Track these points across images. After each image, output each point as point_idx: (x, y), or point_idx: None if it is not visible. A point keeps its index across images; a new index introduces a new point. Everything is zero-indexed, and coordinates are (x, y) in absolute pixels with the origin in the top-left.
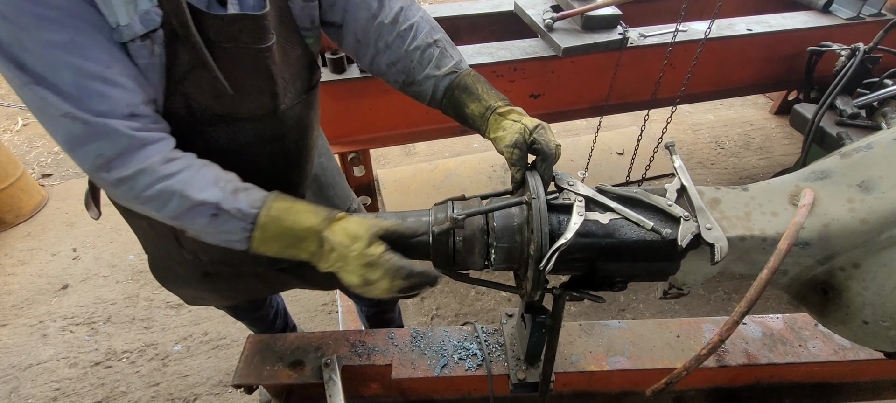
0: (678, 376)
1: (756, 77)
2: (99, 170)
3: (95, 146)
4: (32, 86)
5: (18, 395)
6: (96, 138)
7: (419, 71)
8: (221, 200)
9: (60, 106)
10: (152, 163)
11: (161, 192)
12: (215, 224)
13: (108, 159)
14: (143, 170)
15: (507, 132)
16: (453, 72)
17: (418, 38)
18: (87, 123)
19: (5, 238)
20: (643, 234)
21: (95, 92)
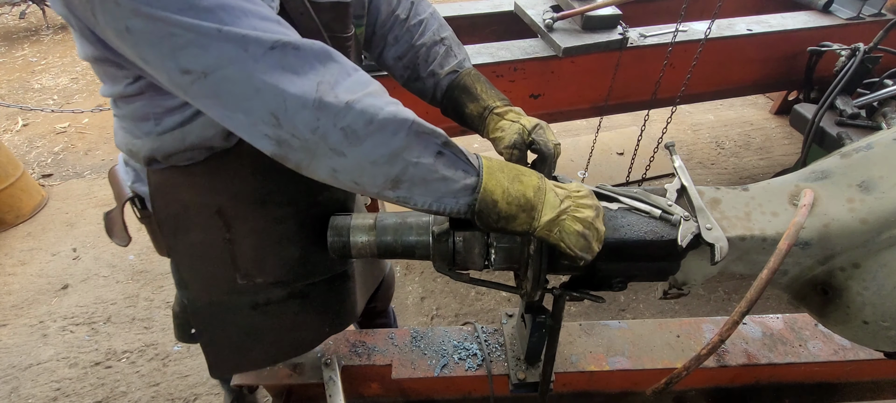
0: (678, 376)
1: (756, 77)
2: (325, 96)
3: (314, 73)
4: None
5: (18, 395)
6: (312, 60)
7: (423, 68)
8: (445, 135)
9: (268, 35)
10: (374, 87)
11: (393, 117)
12: (442, 162)
13: (331, 82)
14: (370, 93)
15: (506, 133)
16: (454, 72)
17: (426, 34)
18: (298, 47)
19: (5, 238)
20: (643, 234)
21: (275, 24)
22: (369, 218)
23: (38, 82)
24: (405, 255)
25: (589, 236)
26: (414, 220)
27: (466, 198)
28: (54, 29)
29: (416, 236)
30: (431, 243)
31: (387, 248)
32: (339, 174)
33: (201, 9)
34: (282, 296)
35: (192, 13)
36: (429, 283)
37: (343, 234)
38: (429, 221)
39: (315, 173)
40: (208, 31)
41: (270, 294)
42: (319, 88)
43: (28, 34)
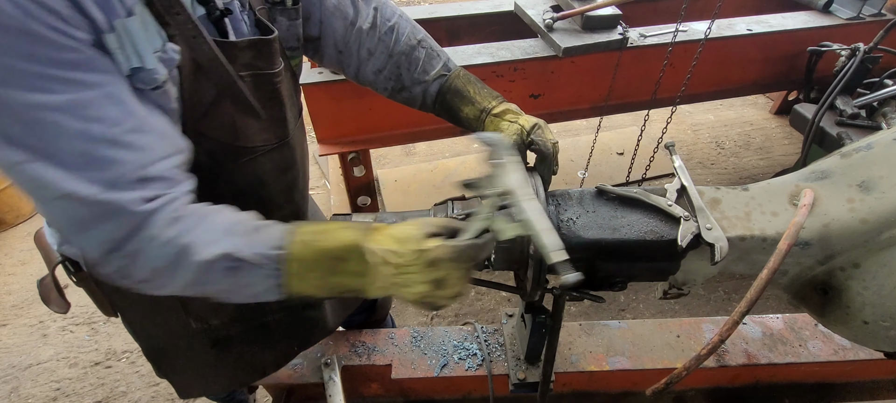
0: (678, 376)
1: (756, 77)
2: (109, 254)
3: (103, 229)
4: (24, 165)
5: (18, 395)
6: (103, 220)
7: (408, 76)
8: (236, 249)
9: (59, 186)
10: (158, 229)
11: (170, 260)
12: (236, 278)
13: (118, 241)
14: (151, 238)
15: (505, 133)
16: (442, 75)
17: (401, 40)
18: (90, 204)
19: (5, 238)
20: (643, 234)
21: (100, 159)
22: (368, 218)
23: None
24: None
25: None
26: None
27: (278, 293)
28: None
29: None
30: None
31: None
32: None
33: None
34: (240, 330)
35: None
36: None
37: None
38: None
39: None
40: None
41: (229, 330)
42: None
43: None
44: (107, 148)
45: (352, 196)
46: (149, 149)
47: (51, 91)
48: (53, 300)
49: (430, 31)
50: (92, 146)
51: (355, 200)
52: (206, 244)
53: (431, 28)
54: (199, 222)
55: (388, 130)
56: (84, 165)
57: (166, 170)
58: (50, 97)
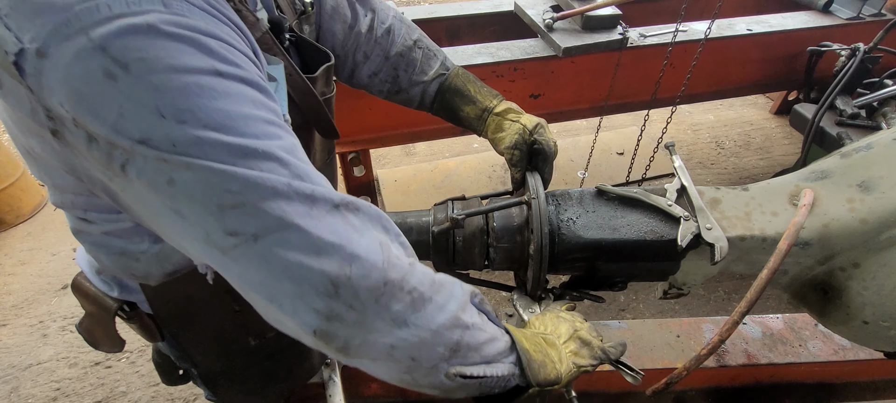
0: (678, 376)
1: (756, 77)
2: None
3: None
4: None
5: (18, 395)
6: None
7: (405, 78)
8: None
9: (333, 193)
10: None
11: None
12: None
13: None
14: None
15: (507, 133)
16: (441, 75)
17: (397, 42)
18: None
19: (5, 238)
20: (643, 234)
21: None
22: None
23: None
24: None
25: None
26: (414, 220)
27: (510, 356)
28: None
29: (416, 236)
30: (431, 243)
31: None
32: (397, 351)
33: (260, 163)
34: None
35: (253, 164)
36: None
37: None
38: (429, 221)
39: (366, 354)
40: (276, 186)
41: (282, 340)
42: (383, 250)
43: None
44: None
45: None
46: None
47: (276, 136)
48: (105, 343)
49: (430, 30)
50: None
51: None
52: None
53: (431, 28)
54: None
55: (388, 130)
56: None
57: None
58: (277, 142)
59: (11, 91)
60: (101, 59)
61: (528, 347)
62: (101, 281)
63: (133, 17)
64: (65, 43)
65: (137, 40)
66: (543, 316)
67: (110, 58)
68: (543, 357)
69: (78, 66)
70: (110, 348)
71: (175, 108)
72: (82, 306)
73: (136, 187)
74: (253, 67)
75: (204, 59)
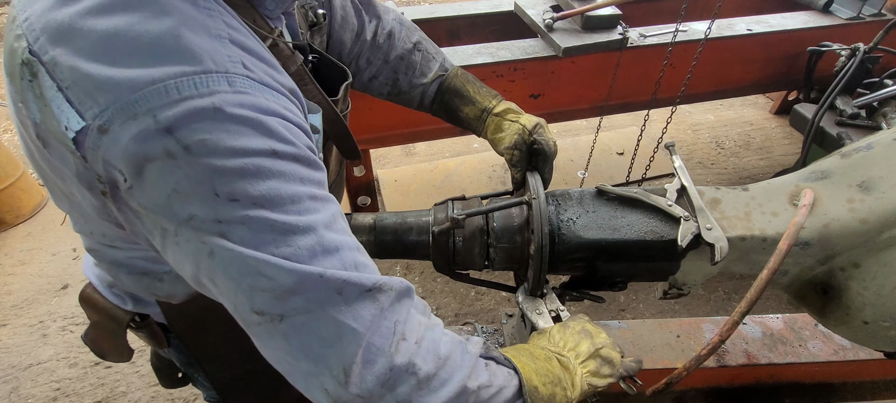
0: (678, 376)
1: (756, 77)
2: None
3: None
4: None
5: (18, 395)
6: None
7: (405, 80)
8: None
9: (366, 277)
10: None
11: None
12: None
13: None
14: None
15: (506, 133)
16: (440, 76)
17: (397, 45)
18: (391, 288)
19: (5, 238)
20: (643, 234)
21: (362, 255)
22: (369, 217)
23: None
24: (405, 255)
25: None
26: (414, 220)
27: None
28: None
29: (416, 236)
30: (431, 243)
31: (387, 248)
32: None
33: (299, 242)
34: None
35: (288, 251)
36: (429, 283)
37: None
38: (429, 221)
39: None
40: (307, 276)
41: None
42: (396, 332)
43: None
44: (363, 255)
45: (352, 196)
46: None
47: (318, 211)
48: (113, 353)
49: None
50: (353, 253)
51: (355, 200)
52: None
53: (431, 28)
54: None
55: (388, 130)
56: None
57: None
58: (318, 217)
59: (57, 152)
60: (165, 140)
61: (537, 383)
62: (113, 294)
63: (200, 100)
64: (130, 122)
65: (202, 123)
66: (565, 330)
67: (174, 139)
68: (553, 389)
69: (141, 145)
70: (118, 358)
71: (230, 190)
72: (89, 317)
73: (175, 252)
74: (304, 139)
75: (263, 141)
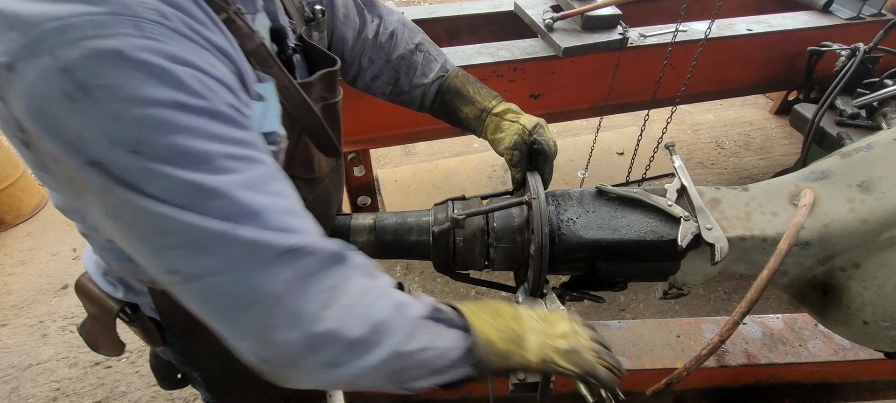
0: (678, 376)
1: (756, 77)
2: (326, 309)
3: (324, 277)
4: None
5: (18, 395)
6: (324, 266)
7: (406, 81)
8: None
9: (282, 240)
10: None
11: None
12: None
13: (337, 289)
14: (373, 289)
15: (506, 133)
16: (441, 76)
17: (400, 46)
18: (314, 251)
19: (5, 238)
20: (643, 234)
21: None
22: (369, 218)
23: None
24: (405, 255)
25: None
26: (414, 220)
27: (469, 358)
28: None
29: (416, 236)
30: (431, 243)
31: (387, 248)
32: (334, 383)
33: (209, 202)
34: None
35: (197, 208)
36: (429, 283)
37: (343, 235)
38: (429, 221)
39: (298, 384)
40: (213, 232)
41: None
42: (324, 297)
43: None
44: (293, 219)
45: (352, 196)
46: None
47: (235, 171)
48: (105, 345)
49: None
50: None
51: (355, 200)
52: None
53: (431, 28)
54: None
55: (388, 130)
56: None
57: None
58: (235, 177)
59: None
60: (63, 81)
61: (493, 336)
62: (106, 282)
63: (101, 41)
64: (32, 60)
65: (102, 66)
66: (552, 311)
67: (73, 81)
68: (510, 347)
69: (41, 85)
70: (110, 351)
71: (129, 139)
72: (85, 308)
73: (92, 210)
74: (224, 96)
75: (167, 91)
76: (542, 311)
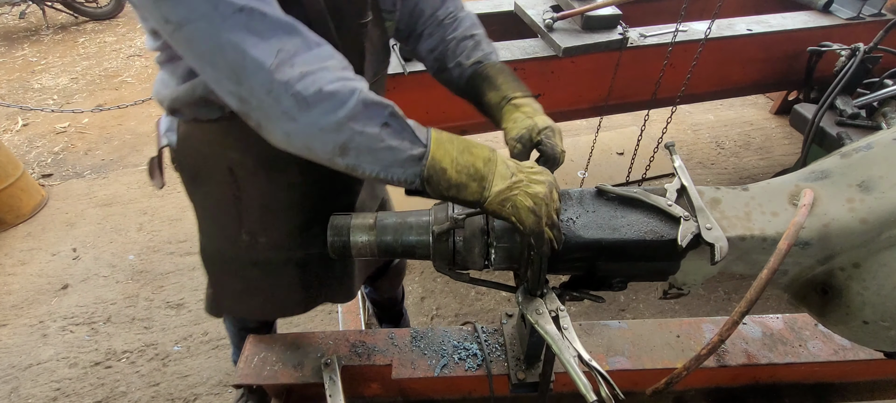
0: (678, 376)
1: (756, 77)
2: (281, 65)
3: (276, 40)
4: None
5: (18, 395)
6: (277, 29)
7: (451, 59)
8: (394, 107)
9: (236, 0)
10: (333, 62)
11: (341, 88)
12: (387, 132)
13: (290, 53)
14: (325, 67)
15: (516, 125)
16: (479, 62)
17: (458, 30)
18: (265, 15)
19: (5, 238)
20: (643, 234)
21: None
22: (369, 217)
23: (37, 82)
24: (405, 255)
25: (539, 212)
26: (414, 220)
27: (413, 167)
28: (54, 29)
29: (416, 236)
30: (431, 243)
31: (387, 248)
32: (293, 138)
33: None
34: (280, 260)
35: None
36: (429, 283)
37: (343, 234)
38: (429, 221)
39: (271, 135)
40: None
41: (270, 255)
42: (278, 55)
43: (28, 34)
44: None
45: None
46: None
47: None
48: (155, 176)
49: None
50: None
51: None
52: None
53: None
54: None
55: None
56: None
57: None
58: None
59: None
60: None
61: (447, 167)
62: (163, 121)
63: None
64: None
65: None
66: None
67: None
68: (466, 181)
69: None
70: (156, 183)
71: None
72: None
73: None
74: None
75: None
76: (528, 165)
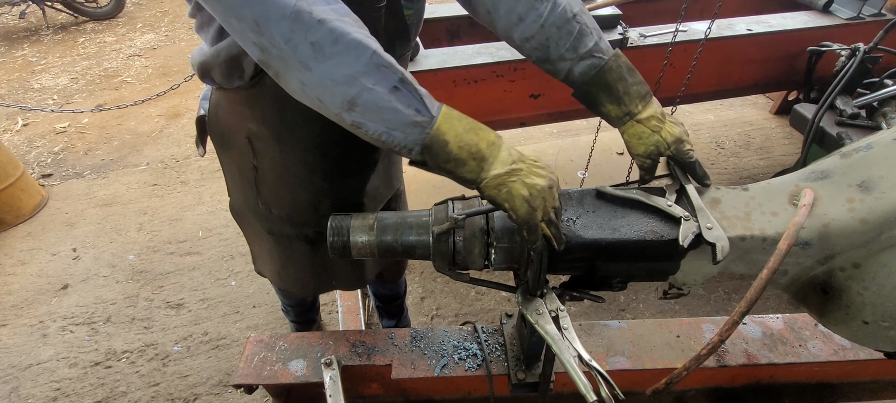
0: (678, 376)
1: (756, 77)
2: (301, 10)
3: None
4: None
5: (18, 395)
6: None
7: (555, 50)
8: (406, 74)
9: None
10: (350, 17)
11: (358, 42)
12: (396, 96)
13: (310, 2)
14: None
15: (642, 142)
16: (590, 57)
17: (556, 12)
18: None
19: (5, 238)
20: (643, 234)
21: None
22: (369, 217)
23: (37, 82)
24: (405, 255)
25: (534, 203)
26: (414, 220)
27: (416, 133)
28: (54, 29)
29: (416, 236)
30: (431, 243)
31: (387, 248)
32: (306, 88)
33: None
34: (292, 234)
35: None
36: (429, 283)
37: (343, 234)
38: (429, 221)
39: (288, 85)
40: None
41: (282, 228)
42: (298, 3)
43: (28, 34)
44: None
45: None
46: None
47: None
48: (199, 145)
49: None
50: None
51: None
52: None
53: (431, 28)
54: None
55: None
56: None
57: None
58: None
59: None
60: None
61: (450, 140)
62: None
63: None
64: None
65: None
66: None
67: None
68: (466, 157)
69: None
70: (199, 150)
71: None
72: None
73: None
74: None
75: None
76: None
